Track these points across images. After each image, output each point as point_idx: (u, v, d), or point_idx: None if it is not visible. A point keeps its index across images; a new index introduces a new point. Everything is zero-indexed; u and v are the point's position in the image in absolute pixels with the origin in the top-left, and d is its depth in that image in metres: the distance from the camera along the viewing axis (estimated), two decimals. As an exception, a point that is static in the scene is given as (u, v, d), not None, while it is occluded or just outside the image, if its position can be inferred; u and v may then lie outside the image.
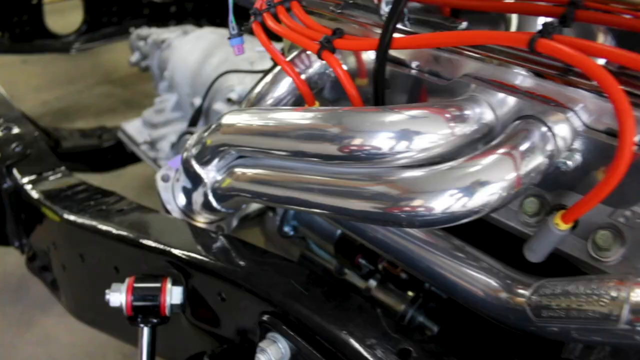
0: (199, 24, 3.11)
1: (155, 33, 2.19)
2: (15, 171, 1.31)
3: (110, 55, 4.09)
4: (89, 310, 1.16)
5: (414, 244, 0.80)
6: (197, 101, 1.85)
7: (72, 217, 1.07)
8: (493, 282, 0.71)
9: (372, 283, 1.05)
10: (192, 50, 1.91)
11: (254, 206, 1.54)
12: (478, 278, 0.72)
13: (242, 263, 0.80)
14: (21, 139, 1.44)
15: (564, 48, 0.56)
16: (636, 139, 0.62)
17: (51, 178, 1.28)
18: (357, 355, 0.65)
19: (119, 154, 2.12)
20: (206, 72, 1.83)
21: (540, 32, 0.58)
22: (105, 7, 3.20)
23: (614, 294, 0.56)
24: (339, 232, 1.04)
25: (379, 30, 0.74)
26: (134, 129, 2.02)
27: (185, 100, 1.99)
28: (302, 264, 1.18)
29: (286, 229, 1.12)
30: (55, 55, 3.72)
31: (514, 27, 0.81)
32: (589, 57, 0.55)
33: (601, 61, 0.63)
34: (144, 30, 2.27)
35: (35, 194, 1.21)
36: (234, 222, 1.27)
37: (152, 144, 2.01)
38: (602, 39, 0.71)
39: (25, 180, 1.27)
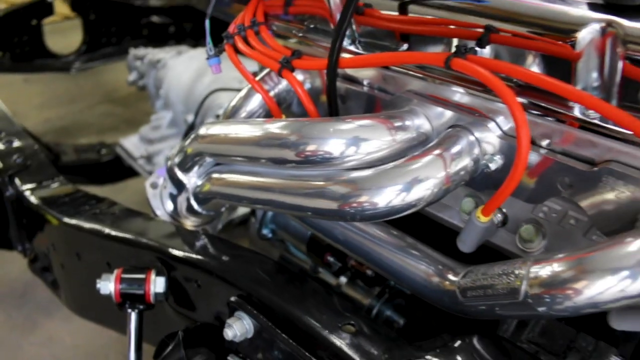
0: (197, 44, 3.22)
1: (151, 53, 2.32)
2: (16, 180, 1.42)
3: (112, 74, 4.20)
4: (86, 304, 1.27)
5: (368, 240, 0.91)
6: (191, 118, 1.97)
7: (69, 220, 1.19)
8: (431, 271, 0.82)
9: (343, 280, 1.16)
10: (185, 70, 2.04)
11: (239, 212, 1.65)
12: (420, 267, 0.83)
13: (216, 255, 0.91)
14: (22, 151, 1.55)
15: (473, 66, 0.67)
16: (544, 142, 0.74)
17: (50, 186, 1.39)
18: (309, 329, 0.76)
19: (117, 168, 2.24)
20: (198, 90, 1.96)
21: (455, 52, 0.69)
22: (104, 27, 3.31)
23: (517, 272, 0.67)
24: (310, 232, 1.15)
25: (334, 52, 0.86)
26: (131, 144, 2.14)
27: (180, 117, 2.11)
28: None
29: (264, 231, 1.23)
30: (57, 74, 3.83)
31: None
32: (491, 74, 0.66)
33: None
34: (140, 51, 2.40)
35: (35, 201, 1.33)
36: (219, 226, 1.38)
37: (149, 158, 2.13)
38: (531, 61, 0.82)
39: (25, 187, 1.39)
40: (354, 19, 0.88)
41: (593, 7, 0.64)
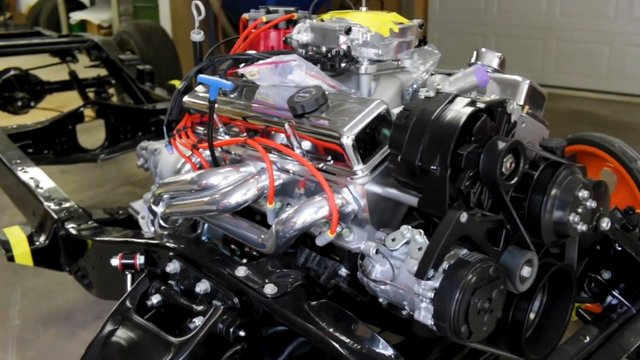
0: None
1: (151, 145, 3.34)
2: (66, 224, 2.41)
3: (130, 163, 5.18)
4: (106, 289, 2.23)
5: (234, 226, 1.85)
6: (176, 185, 2.96)
7: (98, 238, 2.17)
8: (255, 235, 1.74)
9: (244, 260, 2.10)
10: (173, 156, 3.05)
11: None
12: (252, 234, 1.76)
13: (167, 241, 1.88)
14: (68, 209, 2.55)
15: (254, 142, 1.65)
16: (288, 170, 1.69)
17: (87, 226, 2.38)
18: (206, 266, 1.70)
19: (129, 222, 3.22)
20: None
21: (247, 136, 1.68)
22: (122, 127, 4.38)
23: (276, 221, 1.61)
24: (222, 233, 2.10)
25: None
26: (138, 205, 3.13)
27: (170, 186, 3.10)
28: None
29: (203, 238, 2.18)
30: (86, 165, 4.89)
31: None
32: (260, 145, 1.63)
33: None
34: (144, 143, 3.42)
35: (78, 233, 2.31)
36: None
37: (150, 215, 3.12)
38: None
39: (71, 227, 2.37)
40: (223, 122, 1.88)
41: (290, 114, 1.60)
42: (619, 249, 2.01)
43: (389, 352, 1.35)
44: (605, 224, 1.73)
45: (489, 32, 7.82)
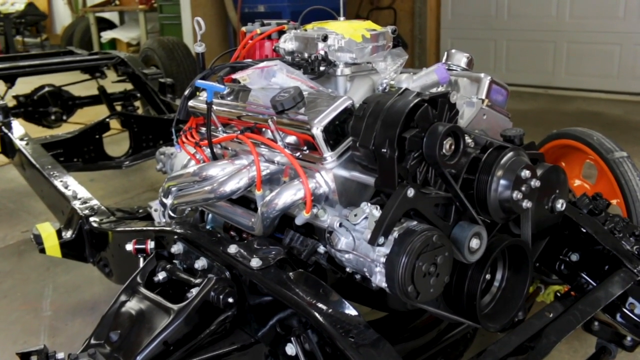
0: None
1: (168, 150, 3.63)
2: (90, 219, 2.70)
3: (154, 171, 5.52)
4: (124, 274, 2.49)
5: (231, 213, 2.10)
6: (191, 185, 3.23)
7: (117, 229, 2.44)
8: (247, 220, 1.99)
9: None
10: (184, 157, 3.33)
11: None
12: (245, 219, 2.01)
13: (173, 227, 2.13)
14: (92, 207, 2.83)
15: (243, 137, 1.90)
16: (275, 160, 1.93)
17: (108, 220, 2.66)
18: (205, 245, 1.94)
19: (147, 219, 3.50)
20: (192, 167, 3.23)
21: (240, 132, 1.92)
22: (144, 136, 4.69)
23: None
24: (223, 221, 2.35)
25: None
26: (155, 204, 3.42)
27: (186, 186, 3.38)
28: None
29: (208, 227, 2.43)
30: (114, 174, 5.20)
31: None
32: (248, 139, 1.88)
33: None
34: (162, 149, 3.71)
35: (100, 226, 2.59)
36: (191, 231, 2.59)
37: (168, 214, 3.40)
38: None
39: (94, 221, 2.65)
40: (222, 122, 2.13)
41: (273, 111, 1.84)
42: (584, 231, 2.18)
43: (354, 312, 1.57)
44: (560, 205, 1.93)
45: (500, 37, 7.99)
